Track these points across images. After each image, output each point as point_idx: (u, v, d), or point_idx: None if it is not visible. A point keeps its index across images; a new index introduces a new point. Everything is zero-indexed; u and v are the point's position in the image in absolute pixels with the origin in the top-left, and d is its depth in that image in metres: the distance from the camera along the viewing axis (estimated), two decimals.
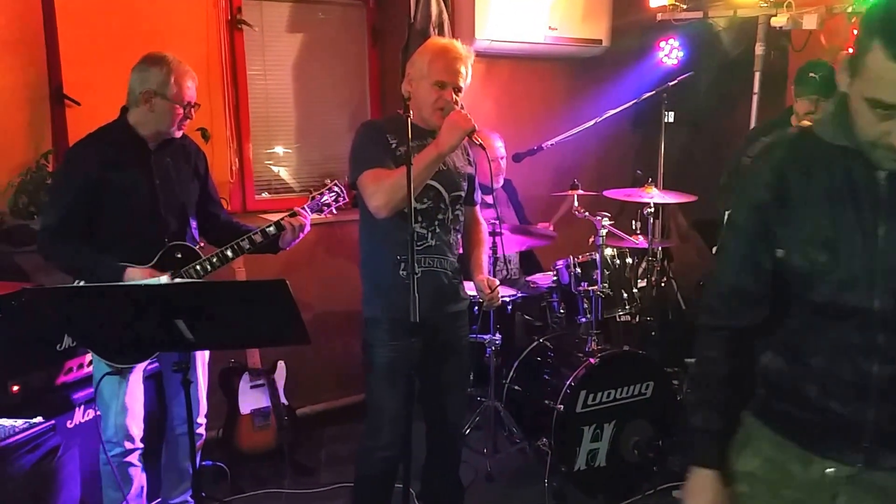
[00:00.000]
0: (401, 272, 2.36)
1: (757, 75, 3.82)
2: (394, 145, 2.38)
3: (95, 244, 2.43)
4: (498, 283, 2.54)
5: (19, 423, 2.04)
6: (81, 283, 2.42)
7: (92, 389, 2.63)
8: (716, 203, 3.34)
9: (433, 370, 2.46)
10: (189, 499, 2.82)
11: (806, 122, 3.18)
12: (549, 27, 4.08)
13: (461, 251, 2.56)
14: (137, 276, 2.38)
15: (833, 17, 3.47)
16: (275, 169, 3.94)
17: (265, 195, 3.87)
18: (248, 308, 1.86)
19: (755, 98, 3.82)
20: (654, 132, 4.04)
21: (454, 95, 2.41)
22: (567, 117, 4.07)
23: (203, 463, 2.83)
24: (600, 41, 4.30)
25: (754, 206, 1.33)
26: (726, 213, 2.65)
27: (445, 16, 3.78)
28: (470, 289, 2.97)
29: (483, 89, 4.23)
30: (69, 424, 2.54)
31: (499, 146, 3.72)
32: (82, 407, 2.61)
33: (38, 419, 2.09)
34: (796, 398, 1.33)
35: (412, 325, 2.00)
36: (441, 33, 3.78)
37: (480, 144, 2.38)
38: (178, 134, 2.57)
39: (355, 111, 4.08)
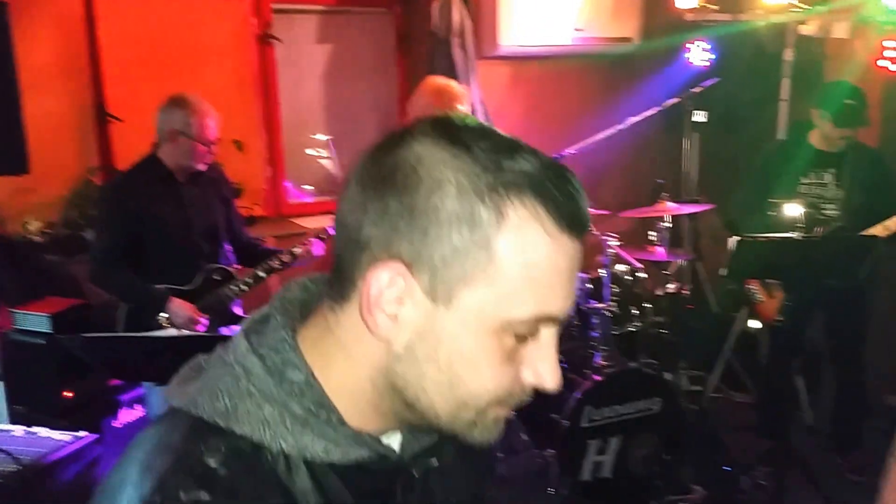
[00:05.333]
0: None
1: (785, 81, 3.75)
2: None
3: (140, 269, 2.66)
4: None
5: (67, 436, 2.22)
6: (110, 334, 2.64)
7: (136, 392, 2.90)
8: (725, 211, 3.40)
9: None
10: None
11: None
12: (576, 28, 4.07)
13: None
14: (180, 307, 2.62)
15: (866, 25, 3.35)
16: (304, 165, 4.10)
17: (297, 200, 4.06)
18: None
19: (782, 105, 3.75)
20: (681, 135, 4.01)
21: None
22: (598, 120, 4.05)
23: None
24: (630, 39, 4.25)
25: None
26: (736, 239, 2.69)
27: (468, 23, 3.80)
28: None
29: (509, 92, 4.27)
30: (116, 424, 2.82)
31: None
32: (126, 408, 2.87)
33: (83, 433, 2.30)
34: None
35: None
36: (463, 41, 3.82)
37: None
38: (203, 167, 2.77)
39: (383, 116, 4.19)
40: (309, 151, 4.04)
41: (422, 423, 0.70)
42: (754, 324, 4.11)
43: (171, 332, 2.59)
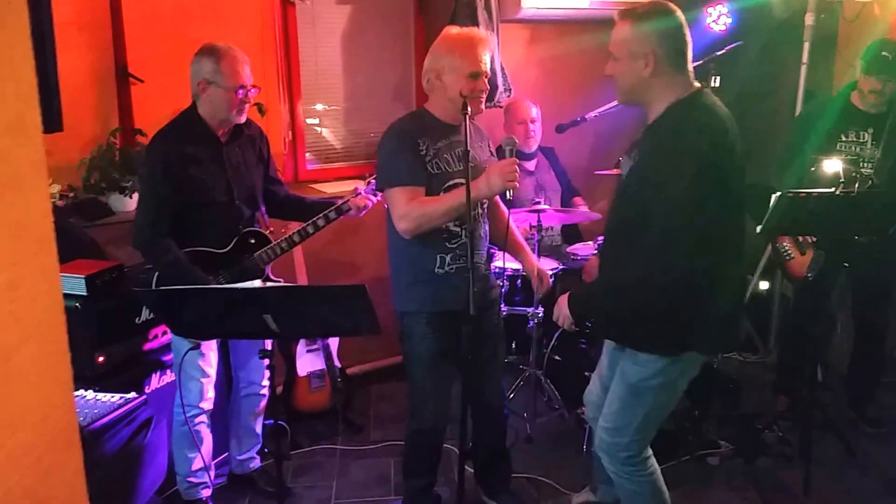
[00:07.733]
0: (437, 269, 2.46)
1: (806, 45, 3.76)
2: (423, 151, 2.40)
3: (178, 231, 2.57)
4: (550, 275, 2.64)
5: (115, 398, 2.21)
6: (184, 286, 2.52)
7: (166, 357, 2.87)
8: (771, 177, 3.32)
9: (476, 353, 2.59)
10: (255, 455, 3.08)
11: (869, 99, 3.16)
12: None
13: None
14: None
15: None
16: (321, 131, 4.05)
17: (315, 165, 4.01)
18: (330, 307, 2.05)
19: (803, 68, 3.78)
20: None
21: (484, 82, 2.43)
22: (613, 86, 4.06)
23: (265, 422, 3.07)
24: None
25: None
26: (777, 194, 2.68)
27: None
28: (511, 261, 3.08)
29: (526, 56, 4.26)
30: (147, 390, 2.79)
31: (533, 111, 3.77)
32: (157, 373, 2.85)
33: (132, 394, 2.27)
34: None
35: (469, 317, 2.09)
36: (488, 4, 3.81)
37: (509, 200, 2.34)
38: (242, 118, 2.65)
39: (400, 80, 4.15)
40: (309, 121, 3.97)
41: None
42: (764, 285, 4.20)
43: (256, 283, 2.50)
